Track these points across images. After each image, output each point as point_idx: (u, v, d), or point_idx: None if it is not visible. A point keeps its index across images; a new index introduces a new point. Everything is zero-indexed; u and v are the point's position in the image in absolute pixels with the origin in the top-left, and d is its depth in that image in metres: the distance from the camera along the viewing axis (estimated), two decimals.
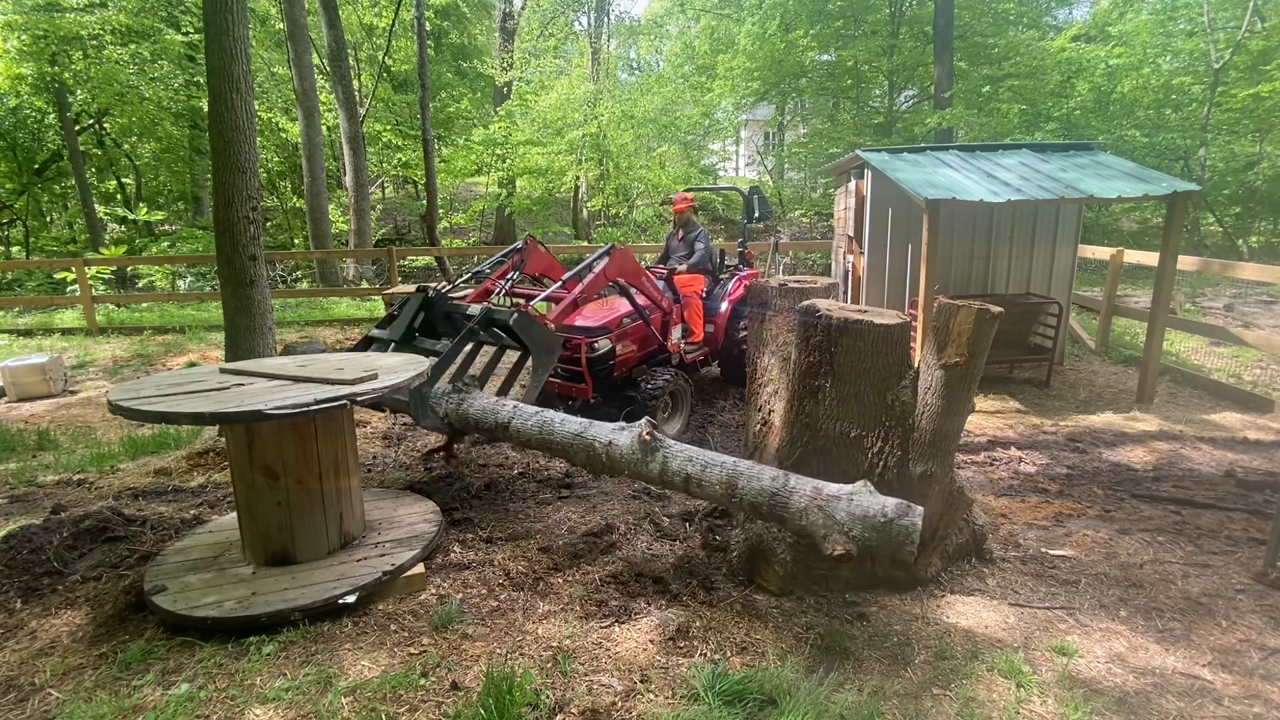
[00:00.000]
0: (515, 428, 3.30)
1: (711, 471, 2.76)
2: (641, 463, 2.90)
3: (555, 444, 3.19)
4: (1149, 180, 5.64)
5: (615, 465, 3.01)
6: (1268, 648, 2.63)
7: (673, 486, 2.88)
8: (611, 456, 3.00)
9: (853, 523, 2.40)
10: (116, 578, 3.11)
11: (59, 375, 7.17)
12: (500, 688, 2.26)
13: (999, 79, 15.55)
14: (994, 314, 2.65)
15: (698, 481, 2.78)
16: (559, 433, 3.18)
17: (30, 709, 2.34)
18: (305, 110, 12.71)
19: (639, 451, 2.92)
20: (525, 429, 3.27)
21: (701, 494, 2.80)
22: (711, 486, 2.74)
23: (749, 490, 2.65)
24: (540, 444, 3.26)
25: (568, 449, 3.15)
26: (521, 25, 23.52)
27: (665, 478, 2.85)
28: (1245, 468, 4.50)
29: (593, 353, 5.08)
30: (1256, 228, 16.11)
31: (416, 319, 4.17)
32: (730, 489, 2.68)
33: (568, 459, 3.22)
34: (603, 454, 3.02)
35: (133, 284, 14.58)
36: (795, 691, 2.32)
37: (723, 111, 21.37)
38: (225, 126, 5.19)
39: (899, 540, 2.33)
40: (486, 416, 3.43)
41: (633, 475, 3.00)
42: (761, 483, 2.63)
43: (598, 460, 3.05)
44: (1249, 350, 7.35)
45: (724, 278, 6.53)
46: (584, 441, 3.10)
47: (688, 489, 2.82)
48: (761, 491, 2.61)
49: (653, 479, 2.91)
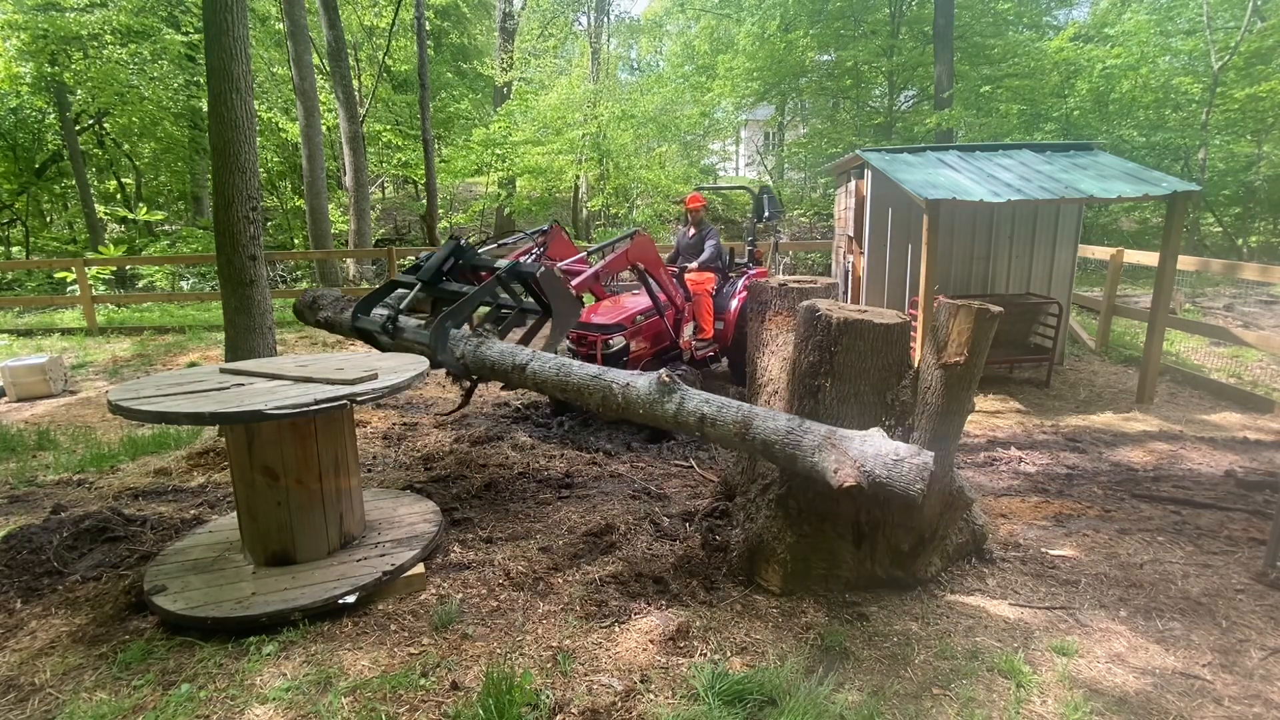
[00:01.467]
0: (533, 369, 3.27)
1: (727, 412, 2.76)
2: (658, 403, 2.89)
3: (571, 385, 3.16)
4: (1149, 180, 5.64)
5: (630, 406, 2.98)
6: (1268, 648, 2.63)
7: (687, 428, 2.86)
8: (628, 398, 2.98)
9: (864, 459, 2.41)
10: (116, 578, 3.11)
11: (59, 375, 7.17)
12: (500, 688, 2.26)
13: (998, 79, 15.55)
14: (994, 314, 2.65)
15: (712, 421, 2.76)
16: (576, 374, 3.17)
17: (30, 709, 2.34)
18: (305, 110, 12.70)
19: (656, 392, 2.91)
20: (543, 370, 3.25)
21: (715, 435, 2.78)
22: (725, 426, 2.73)
23: (763, 429, 2.64)
24: (556, 385, 3.22)
25: (583, 390, 3.13)
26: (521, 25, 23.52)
27: (680, 418, 2.84)
28: (1245, 468, 4.50)
29: (608, 349, 5.22)
30: (1256, 228, 16.11)
31: (446, 264, 4.13)
32: (745, 428, 2.68)
33: (582, 400, 3.18)
34: (619, 394, 3.01)
35: (133, 284, 14.58)
36: (795, 691, 2.32)
37: (722, 111, 21.37)
38: (225, 126, 5.18)
39: (910, 478, 2.33)
40: (504, 359, 3.40)
41: (647, 417, 2.97)
42: (777, 423, 2.64)
43: (613, 401, 3.02)
44: (1249, 350, 7.35)
45: (733, 276, 6.58)
46: (601, 383, 3.09)
47: (702, 429, 2.80)
48: (775, 430, 2.61)
49: (667, 419, 2.89)
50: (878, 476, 2.38)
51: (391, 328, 3.41)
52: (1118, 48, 14.41)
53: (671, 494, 4.16)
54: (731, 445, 2.83)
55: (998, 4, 17.16)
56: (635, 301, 5.75)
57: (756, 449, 2.70)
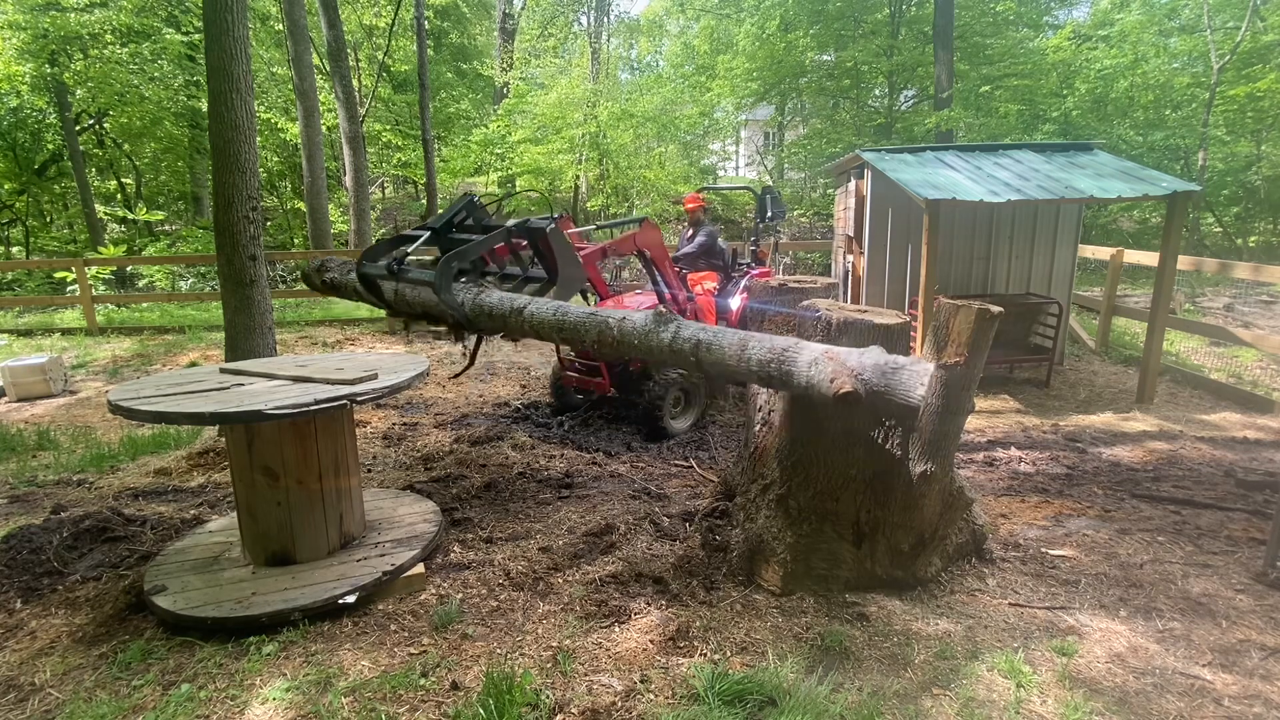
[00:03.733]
0: (530, 312, 3.26)
1: (723, 337, 2.75)
2: (652, 333, 2.89)
3: (568, 324, 3.15)
4: (1148, 180, 5.64)
5: (625, 338, 2.98)
6: (1268, 648, 2.63)
7: (681, 356, 2.85)
8: (623, 330, 2.98)
9: (862, 369, 2.40)
10: (116, 578, 3.11)
11: (59, 375, 7.16)
12: (500, 688, 2.26)
13: (998, 79, 15.56)
14: (994, 314, 2.65)
15: (707, 346, 2.75)
16: (573, 313, 3.17)
17: (30, 709, 2.34)
18: (305, 110, 12.70)
19: (651, 323, 2.92)
20: (540, 312, 3.25)
21: (710, 360, 2.77)
22: (720, 350, 2.72)
23: (759, 349, 2.62)
24: (554, 326, 3.21)
25: (579, 327, 3.12)
26: (521, 25, 23.53)
27: (675, 345, 2.83)
28: (1245, 468, 4.50)
29: None
30: (1256, 228, 16.12)
31: (457, 217, 4.10)
32: (741, 350, 2.66)
33: (578, 339, 3.16)
34: (614, 328, 3.00)
35: (133, 284, 14.57)
36: (795, 691, 2.32)
37: (722, 111, 21.38)
38: (225, 126, 5.18)
39: (909, 384, 2.31)
40: (503, 304, 3.38)
41: (641, 348, 2.96)
42: (773, 342, 2.63)
43: (608, 335, 3.02)
44: (1249, 350, 7.35)
45: (735, 275, 6.57)
46: (597, 319, 3.09)
47: (697, 354, 2.78)
48: (772, 349, 2.60)
49: (662, 348, 2.88)
50: (875, 385, 2.36)
51: (396, 268, 3.40)
52: (1113, 48, 14.42)
53: (671, 494, 4.16)
54: (726, 372, 2.80)
55: (998, 4, 17.16)
56: (636, 301, 5.73)
57: (752, 370, 2.67)
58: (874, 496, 2.92)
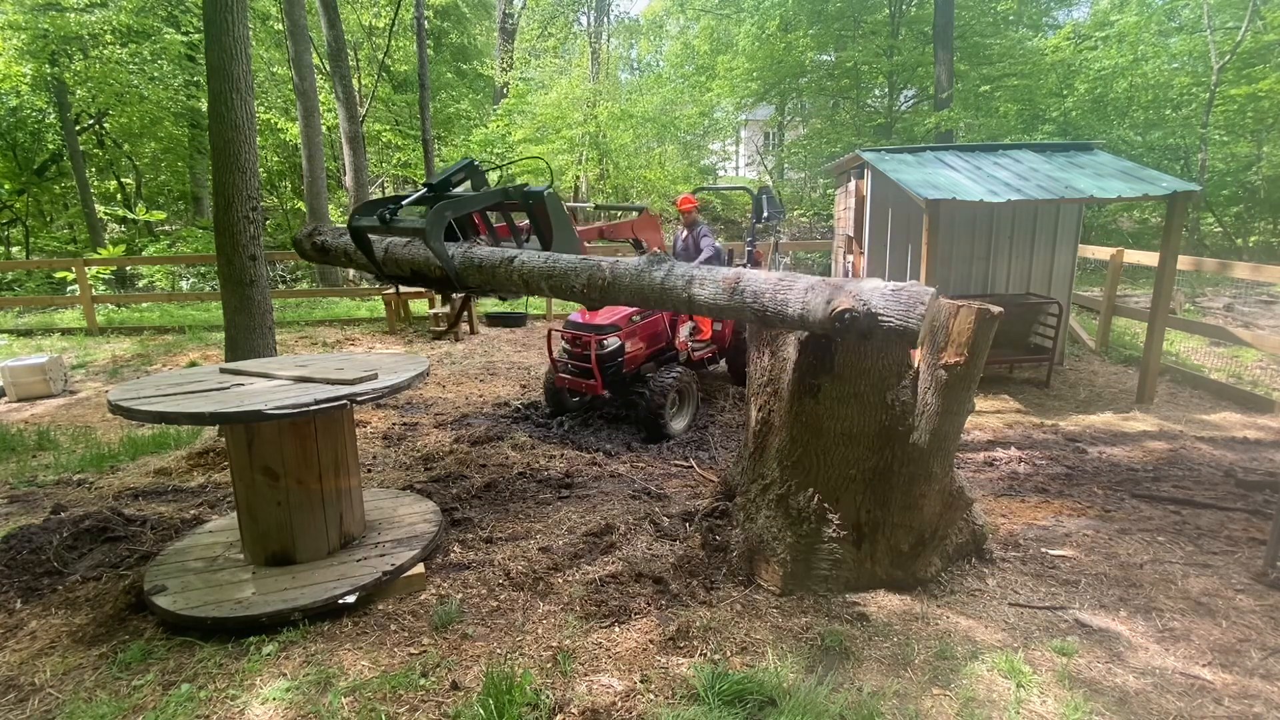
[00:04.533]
0: (520, 261, 3.26)
1: (716, 273, 2.75)
2: (645, 273, 2.88)
3: (558, 271, 3.13)
4: (1148, 180, 5.64)
5: (617, 281, 2.95)
6: (1268, 648, 2.63)
7: (673, 295, 2.82)
8: (615, 273, 2.96)
9: (860, 292, 2.38)
10: (116, 578, 3.11)
11: (59, 375, 7.16)
12: (500, 688, 2.26)
13: (997, 79, 15.56)
14: (994, 314, 2.65)
15: (700, 281, 2.73)
16: (563, 260, 3.16)
17: (30, 709, 2.34)
18: (305, 110, 12.70)
19: (644, 264, 2.91)
20: (530, 260, 3.24)
21: (704, 295, 2.75)
22: (714, 284, 2.70)
23: (753, 282, 2.61)
24: (543, 273, 3.18)
25: (569, 273, 3.09)
26: (521, 25, 23.52)
27: (666, 284, 2.81)
28: (1245, 468, 4.50)
29: (602, 349, 5.18)
30: (1256, 228, 16.12)
31: (456, 177, 4.07)
32: (734, 285, 2.65)
33: (568, 285, 3.12)
34: (606, 271, 2.99)
35: (133, 284, 14.57)
36: (795, 691, 2.32)
37: (722, 111, 21.39)
38: (225, 126, 5.18)
39: (908, 304, 2.29)
40: (493, 255, 3.38)
41: (632, 289, 2.94)
42: (768, 274, 2.62)
43: (599, 278, 2.99)
44: (1249, 350, 7.35)
45: None
46: (588, 263, 3.08)
47: (689, 291, 2.76)
48: (766, 280, 2.58)
49: (653, 288, 2.86)
50: (873, 307, 2.32)
51: (388, 216, 3.38)
52: (1113, 48, 14.43)
53: (671, 494, 4.16)
54: (720, 309, 2.76)
55: (998, 4, 17.18)
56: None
57: (747, 303, 2.63)
58: (874, 496, 2.92)
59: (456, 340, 9.29)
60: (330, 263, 4.37)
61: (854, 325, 2.34)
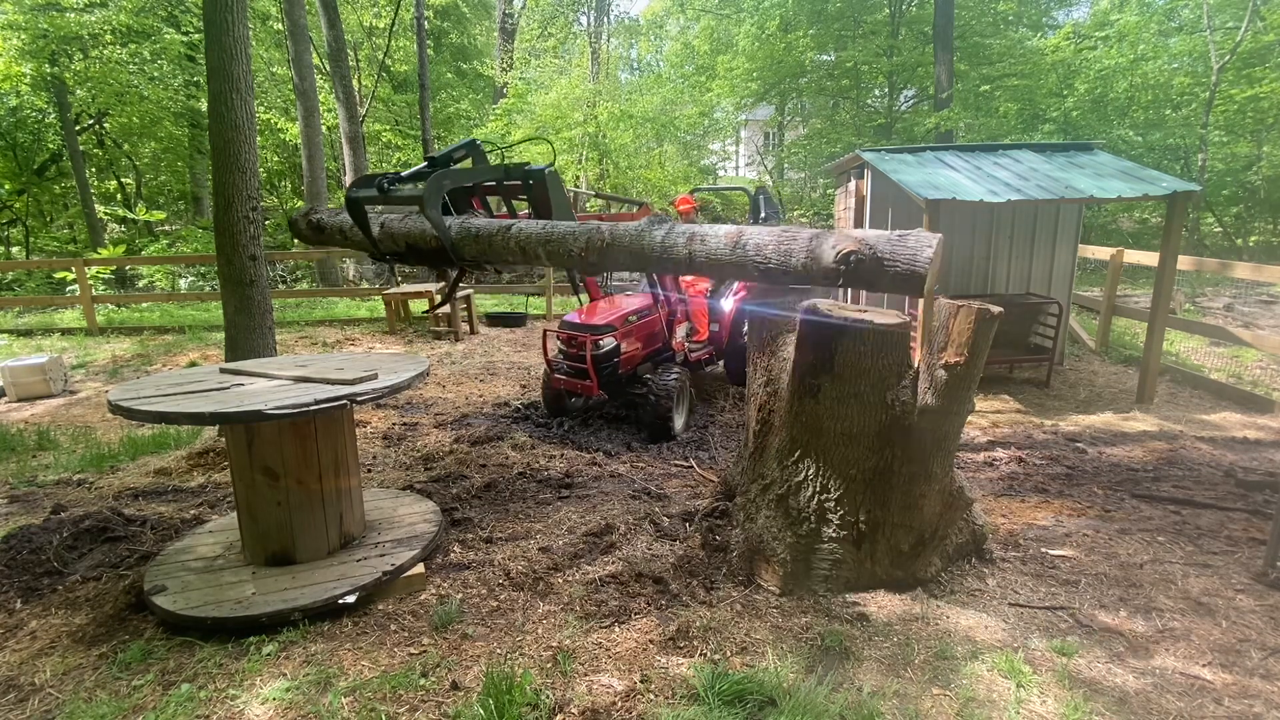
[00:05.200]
0: (517, 229, 3.22)
1: (718, 229, 2.71)
2: (645, 234, 2.83)
3: (556, 236, 3.07)
4: (1148, 180, 5.64)
5: (616, 241, 2.90)
6: (1268, 648, 2.63)
7: (673, 253, 2.77)
8: (614, 234, 2.92)
9: (866, 237, 2.36)
10: (116, 578, 3.11)
11: (59, 375, 7.16)
12: (500, 688, 2.26)
13: (997, 79, 15.56)
14: (994, 314, 2.65)
15: (701, 238, 2.69)
16: (561, 225, 3.12)
17: (30, 709, 2.34)
18: (305, 110, 12.70)
19: (644, 224, 2.87)
20: (527, 228, 3.20)
21: (705, 253, 2.70)
22: (716, 240, 2.67)
23: (756, 235, 2.57)
24: (540, 240, 3.13)
25: (567, 237, 3.04)
26: (521, 25, 23.52)
27: (667, 243, 2.77)
28: (1245, 468, 4.50)
29: (598, 349, 5.13)
30: (1255, 228, 16.13)
31: (457, 154, 4.04)
32: (736, 239, 2.61)
33: (566, 249, 3.05)
34: (605, 233, 2.94)
35: (133, 284, 14.57)
36: (795, 691, 2.32)
37: (722, 111, 21.40)
38: (225, 126, 5.18)
39: (913, 250, 2.26)
40: (489, 224, 3.35)
41: (632, 249, 2.87)
42: (771, 229, 2.59)
43: (597, 240, 2.93)
44: (1249, 350, 7.35)
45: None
46: (586, 226, 3.03)
47: (690, 249, 2.71)
48: (769, 233, 2.55)
49: (653, 249, 2.81)
50: (881, 251, 2.27)
51: (386, 185, 3.36)
52: (1113, 48, 14.43)
53: (671, 494, 4.16)
54: (722, 265, 2.70)
55: (998, 4, 17.18)
56: (628, 302, 5.70)
57: (749, 256, 2.58)
58: (874, 496, 2.92)
59: (456, 340, 9.29)
60: (325, 242, 4.29)
61: (860, 269, 2.28)
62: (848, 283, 2.41)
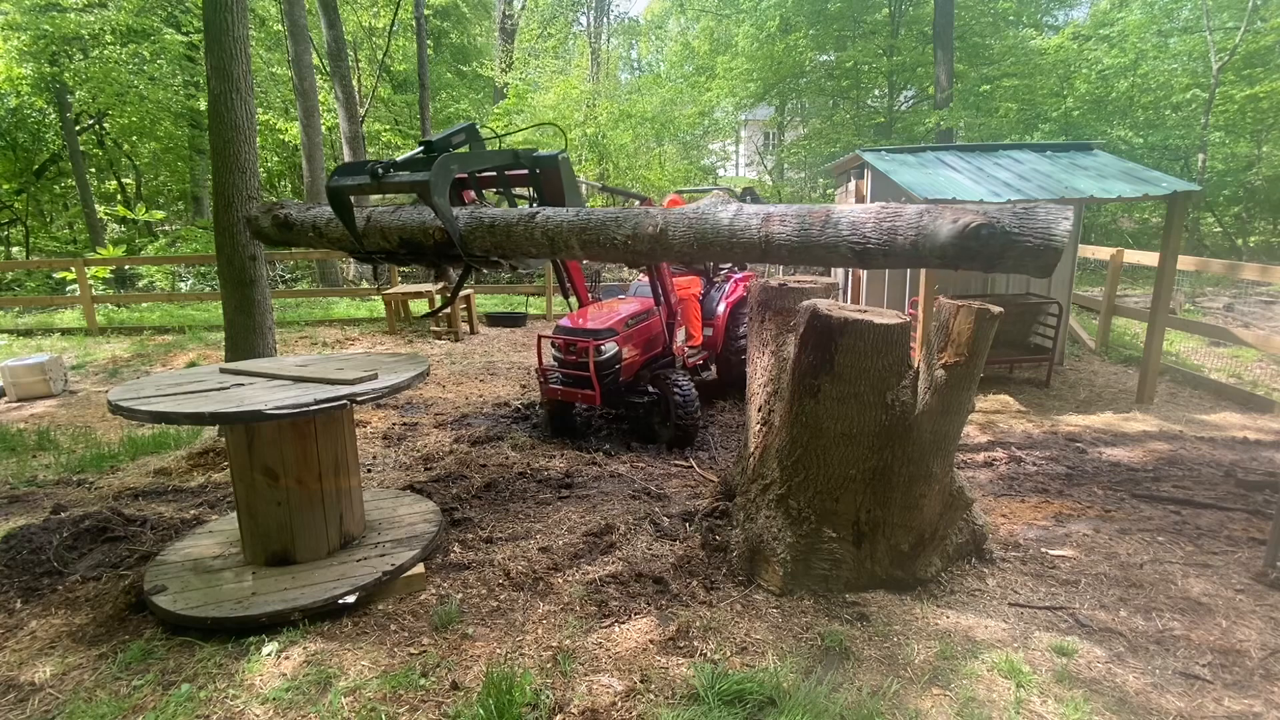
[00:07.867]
0: (544, 216, 2.91)
1: (799, 208, 2.50)
2: (708, 216, 2.59)
3: (594, 223, 2.77)
4: (1148, 180, 5.65)
5: (670, 228, 2.63)
6: (1268, 648, 2.63)
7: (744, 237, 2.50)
8: (668, 219, 2.70)
9: (985, 210, 2.24)
10: (116, 578, 3.11)
11: (59, 375, 7.16)
12: (500, 688, 2.26)
13: (997, 79, 15.56)
14: (994, 314, 2.65)
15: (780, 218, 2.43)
16: (599, 211, 2.86)
17: (30, 709, 2.34)
18: (305, 110, 12.69)
19: (706, 205, 2.66)
20: (556, 215, 2.88)
21: (785, 235, 2.45)
22: (798, 219, 2.43)
23: (849, 213, 2.38)
24: (574, 228, 2.80)
25: (608, 224, 2.76)
26: (521, 25, 23.51)
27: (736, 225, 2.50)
28: (1245, 468, 4.50)
29: (600, 355, 4.92)
30: (1256, 228, 16.13)
31: (456, 138, 3.75)
32: (825, 218, 2.40)
33: (609, 237, 2.75)
34: (658, 218, 2.70)
35: (133, 284, 14.57)
36: (795, 691, 2.32)
37: (722, 112, 21.37)
38: (225, 126, 5.18)
39: (1045, 223, 2.13)
40: (508, 214, 3.05)
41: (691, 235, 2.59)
42: (864, 206, 2.42)
43: (647, 227, 2.66)
44: (1249, 350, 7.35)
45: (718, 280, 6.47)
46: (631, 213, 2.76)
47: (766, 231, 2.45)
48: (865, 210, 2.38)
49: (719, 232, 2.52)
50: (1006, 225, 2.11)
51: (381, 171, 2.90)
52: (1113, 48, 14.43)
53: (671, 494, 4.16)
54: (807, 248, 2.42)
55: (998, 4, 17.17)
56: (626, 306, 5.55)
57: (844, 237, 2.33)
58: (874, 496, 2.92)
59: (456, 340, 9.29)
60: (293, 241, 3.84)
61: (990, 244, 2.12)
62: (962, 262, 2.21)
